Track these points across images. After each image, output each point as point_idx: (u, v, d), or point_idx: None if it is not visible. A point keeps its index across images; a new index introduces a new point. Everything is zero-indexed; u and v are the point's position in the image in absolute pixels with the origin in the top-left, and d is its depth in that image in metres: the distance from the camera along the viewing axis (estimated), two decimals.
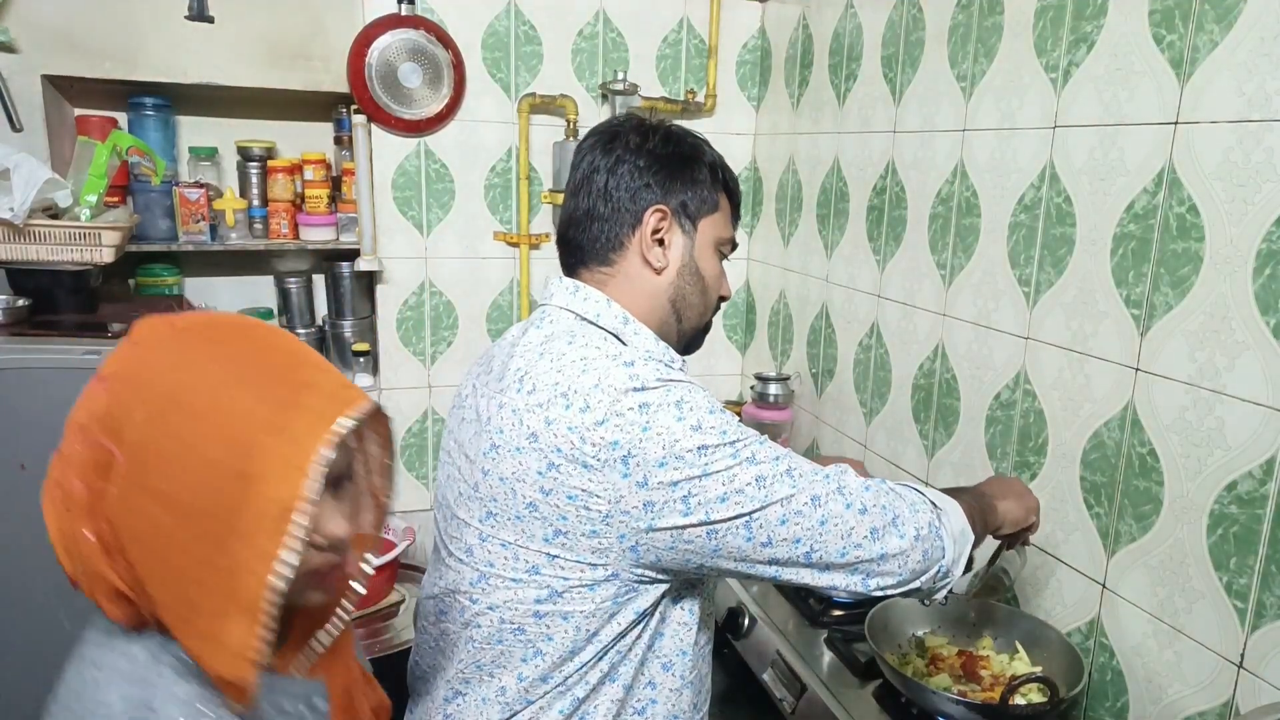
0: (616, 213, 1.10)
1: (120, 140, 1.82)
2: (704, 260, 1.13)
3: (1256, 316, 1.10)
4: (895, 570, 1.00)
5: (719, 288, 1.17)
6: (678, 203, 1.11)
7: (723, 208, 1.15)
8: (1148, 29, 1.24)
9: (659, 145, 1.11)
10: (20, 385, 1.53)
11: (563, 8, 2.26)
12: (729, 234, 1.17)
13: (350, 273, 2.29)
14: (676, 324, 1.14)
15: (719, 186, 1.14)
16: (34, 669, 1.62)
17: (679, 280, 1.12)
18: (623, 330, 1.08)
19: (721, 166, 1.15)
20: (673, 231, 1.11)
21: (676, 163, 1.11)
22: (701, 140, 1.16)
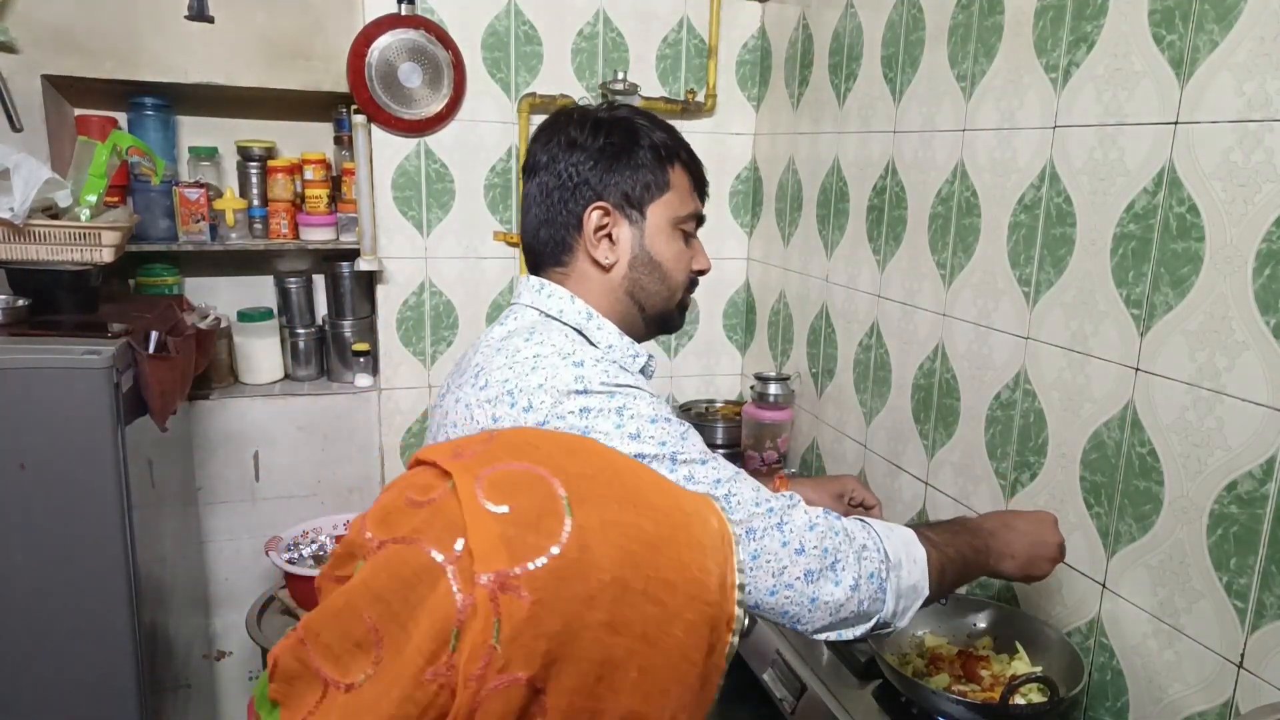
0: (558, 216, 1.10)
1: (120, 140, 1.82)
2: (658, 246, 1.12)
3: (1256, 316, 1.10)
4: (825, 617, 0.95)
5: (682, 267, 1.14)
6: (619, 195, 1.09)
7: (675, 185, 1.12)
8: (1148, 29, 1.24)
9: (589, 138, 1.09)
10: (20, 385, 1.53)
11: (563, 8, 2.26)
12: (690, 209, 1.14)
13: (350, 273, 2.29)
14: (640, 313, 1.14)
15: (668, 164, 1.11)
16: (34, 669, 1.62)
17: (631, 272, 1.11)
18: (586, 325, 1.09)
19: (667, 144, 1.12)
20: (619, 225, 1.10)
21: (610, 153, 1.09)
22: (641, 122, 1.12)
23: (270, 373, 2.33)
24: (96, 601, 1.63)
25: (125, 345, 1.65)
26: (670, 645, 0.50)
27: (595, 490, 0.52)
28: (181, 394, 1.90)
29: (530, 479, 0.51)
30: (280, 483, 2.27)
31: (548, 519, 0.49)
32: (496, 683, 0.46)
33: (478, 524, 0.48)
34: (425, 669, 0.46)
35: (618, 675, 0.48)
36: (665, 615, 0.50)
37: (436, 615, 0.46)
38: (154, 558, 1.80)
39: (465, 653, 0.45)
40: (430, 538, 0.49)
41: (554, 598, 0.47)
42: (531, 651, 0.46)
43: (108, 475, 1.60)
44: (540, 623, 0.46)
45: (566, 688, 0.47)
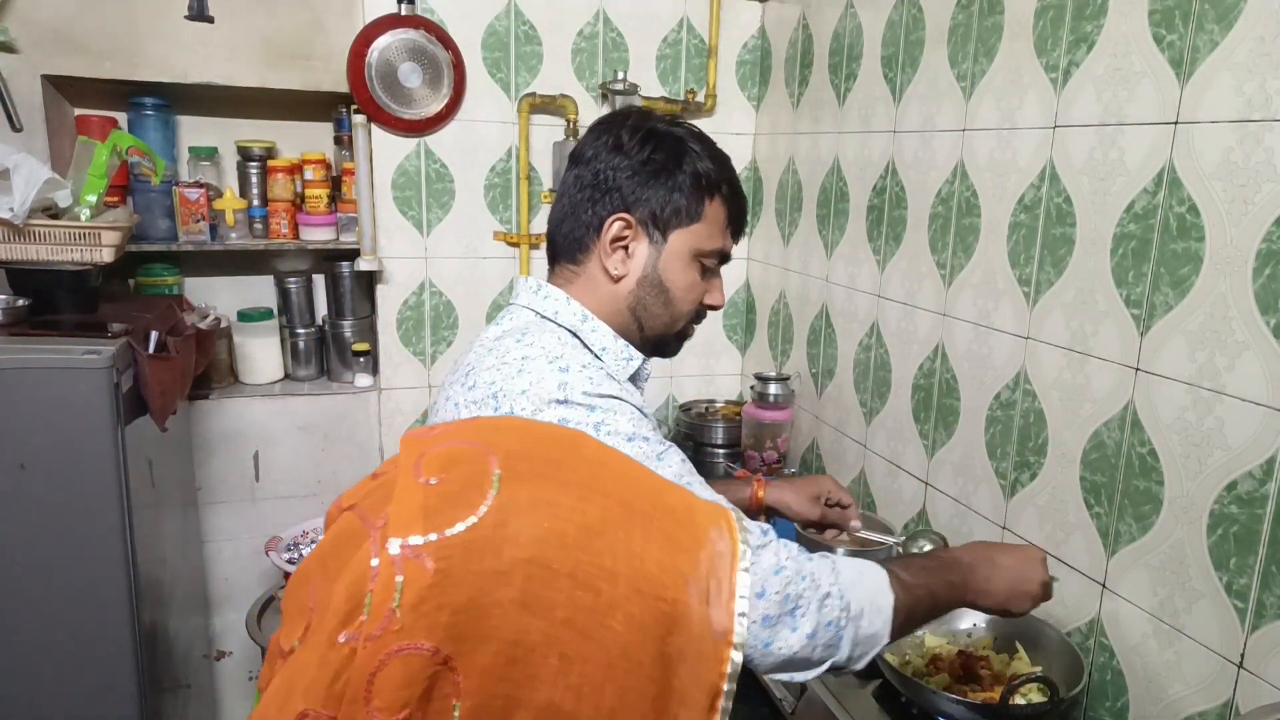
0: (583, 215, 1.10)
1: (120, 140, 1.82)
2: (671, 272, 1.10)
3: (1256, 316, 1.10)
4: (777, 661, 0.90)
5: (691, 299, 1.13)
6: (646, 211, 1.08)
7: (709, 218, 1.10)
8: (1148, 29, 1.24)
9: (636, 148, 1.08)
10: (20, 385, 1.53)
11: (563, 8, 2.26)
12: (716, 246, 1.12)
13: (350, 273, 2.29)
14: (639, 330, 1.13)
15: (706, 195, 1.09)
16: (34, 668, 1.62)
17: (639, 290, 1.10)
18: (581, 328, 1.09)
19: (712, 175, 1.09)
20: (638, 240, 1.09)
21: (651, 169, 1.07)
22: (694, 146, 1.10)
23: (270, 373, 2.32)
24: (96, 601, 1.63)
25: (125, 345, 1.65)
26: (606, 638, 0.47)
27: (534, 470, 0.50)
28: (181, 394, 1.90)
29: (470, 455, 0.50)
30: (280, 483, 2.27)
31: (471, 492, 0.48)
32: (396, 647, 0.44)
33: (404, 494, 0.47)
34: (339, 631, 0.45)
35: (534, 660, 0.46)
36: (600, 604, 0.47)
37: (353, 577, 0.46)
38: (154, 558, 1.80)
39: (370, 617, 0.45)
40: (368, 506, 0.49)
41: (461, 569, 0.45)
42: (434, 621, 0.44)
43: (108, 475, 1.60)
44: (444, 592, 0.45)
45: (478, 667, 0.45)
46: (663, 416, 2.59)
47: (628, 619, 0.47)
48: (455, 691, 0.45)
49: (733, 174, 1.14)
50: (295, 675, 0.46)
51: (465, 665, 0.45)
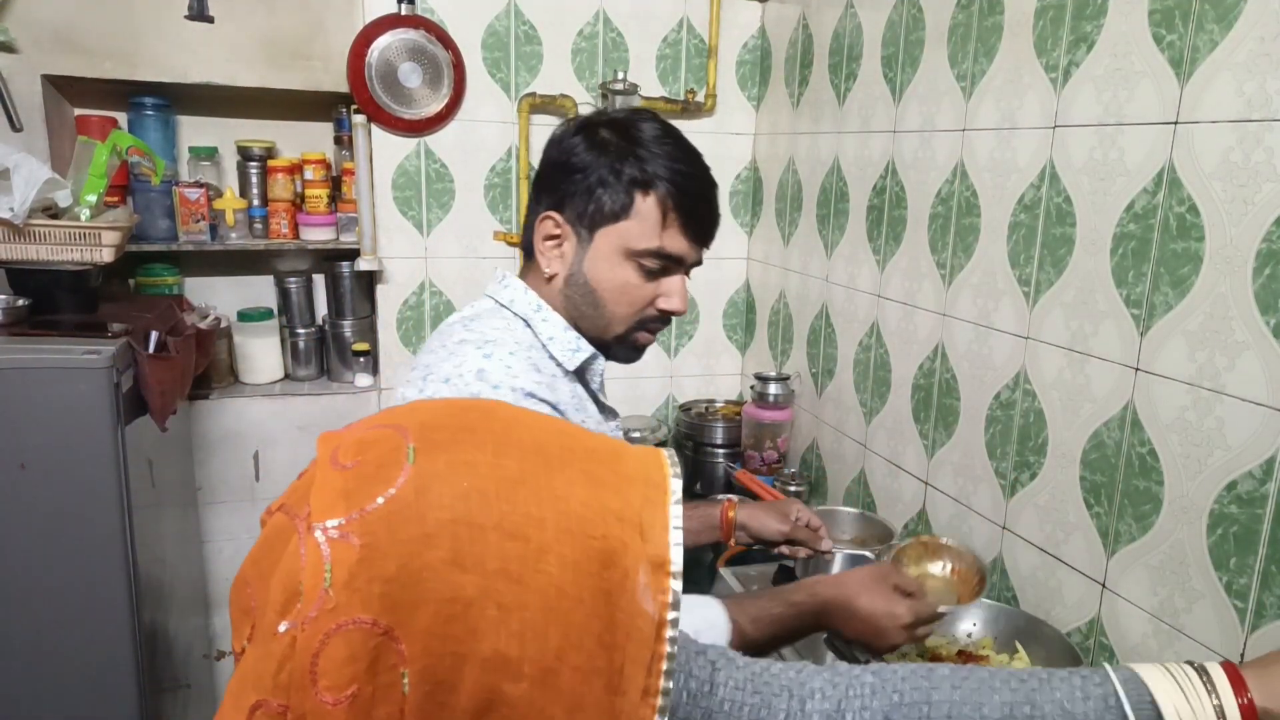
0: (531, 212, 1.11)
1: (120, 140, 1.82)
2: (598, 271, 1.07)
3: (1256, 316, 1.10)
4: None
5: (627, 300, 1.08)
6: (573, 210, 1.06)
7: (641, 215, 1.05)
8: (1148, 29, 1.24)
9: (571, 145, 1.06)
10: (20, 385, 1.53)
11: (563, 8, 2.26)
12: (651, 245, 1.06)
13: (350, 272, 2.29)
14: (577, 330, 1.12)
15: (637, 191, 1.04)
16: (34, 668, 1.62)
17: (566, 289, 1.09)
18: (533, 316, 1.09)
19: (644, 171, 1.04)
20: (568, 238, 1.08)
21: (576, 165, 1.05)
22: (622, 142, 1.05)
23: (270, 373, 2.33)
24: (96, 601, 1.63)
25: (125, 345, 1.65)
26: (541, 581, 0.47)
27: (448, 437, 0.51)
28: (181, 394, 1.90)
29: (384, 436, 0.51)
30: (280, 483, 2.27)
31: (388, 468, 0.48)
32: (334, 625, 0.45)
33: (323, 483, 0.48)
34: (277, 622, 0.46)
35: (472, 614, 0.46)
36: (530, 551, 0.48)
37: (285, 569, 0.47)
38: (154, 558, 1.80)
39: (304, 602, 0.46)
40: (293, 503, 0.50)
41: (386, 540, 0.46)
42: (368, 594, 0.45)
43: (108, 475, 1.60)
44: (373, 565, 0.46)
45: (419, 630, 0.46)
46: (663, 416, 2.59)
47: (560, 560, 0.48)
48: (400, 660, 0.45)
49: (682, 171, 1.07)
50: (246, 672, 0.47)
51: (406, 632, 0.45)
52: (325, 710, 0.44)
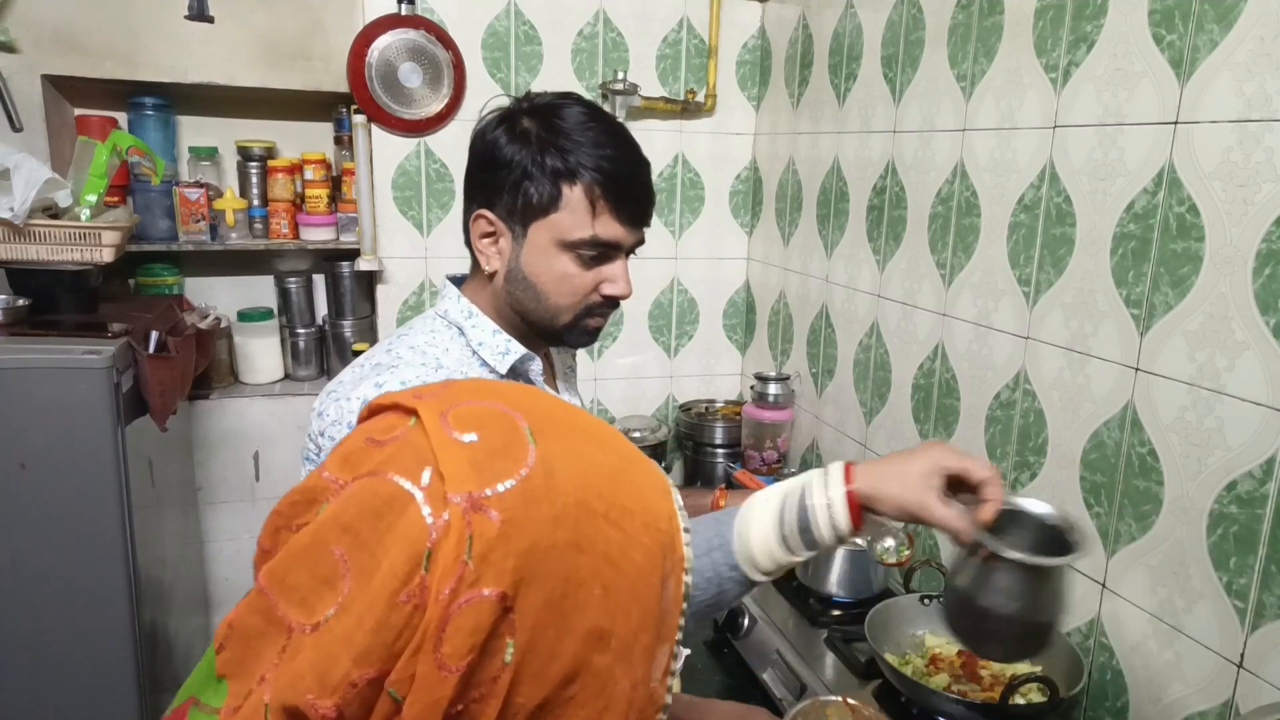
0: (466, 213, 1.10)
1: (120, 140, 1.82)
2: (534, 265, 1.06)
3: (1256, 316, 1.10)
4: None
5: (568, 290, 1.07)
6: (504, 207, 1.05)
7: (570, 206, 1.03)
8: (1148, 29, 1.24)
9: (493, 141, 1.04)
10: (20, 385, 1.53)
11: (563, 8, 2.26)
12: (585, 235, 1.04)
13: (350, 273, 2.29)
14: (522, 323, 1.12)
15: (565, 182, 1.03)
16: (35, 667, 1.62)
17: (507, 284, 1.09)
18: (465, 323, 1.10)
19: (569, 162, 1.02)
20: (503, 235, 1.07)
21: (500, 160, 1.03)
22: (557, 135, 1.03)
23: (270, 373, 2.32)
24: (96, 601, 1.63)
25: (125, 345, 1.65)
26: (630, 568, 0.52)
27: (554, 425, 0.54)
28: (181, 394, 1.90)
29: (494, 413, 0.53)
30: (280, 483, 2.27)
31: (514, 446, 0.51)
32: (468, 597, 0.46)
33: (446, 451, 0.49)
34: (400, 591, 0.46)
35: (582, 593, 0.50)
36: (625, 539, 0.52)
37: (409, 538, 0.47)
38: (154, 558, 1.80)
39: (437, 571, 0.46)
40: (397, 468, 0.50)
41: (522, 517, 0.48)
42: (502, 568, 0.47)
43: (108, 475, 1.60)
44: (510, 540, 0.47)
45: (535, 605, 0.48)
46: (663, 416, 2.59)
47: (644, 550, 0.53)
48: (510, 630, 0.48)
49: (608, 156, 1.04)
50: (338, 643, 0.47)
51: (523, 605, 0.48)
52: (439, 676, 0.46)
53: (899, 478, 0.88)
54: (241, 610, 0.53)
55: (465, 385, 0.58)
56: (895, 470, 0.89)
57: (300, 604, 0.49)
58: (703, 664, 1.59)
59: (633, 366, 2.53)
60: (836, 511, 0.87)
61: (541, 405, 0.56)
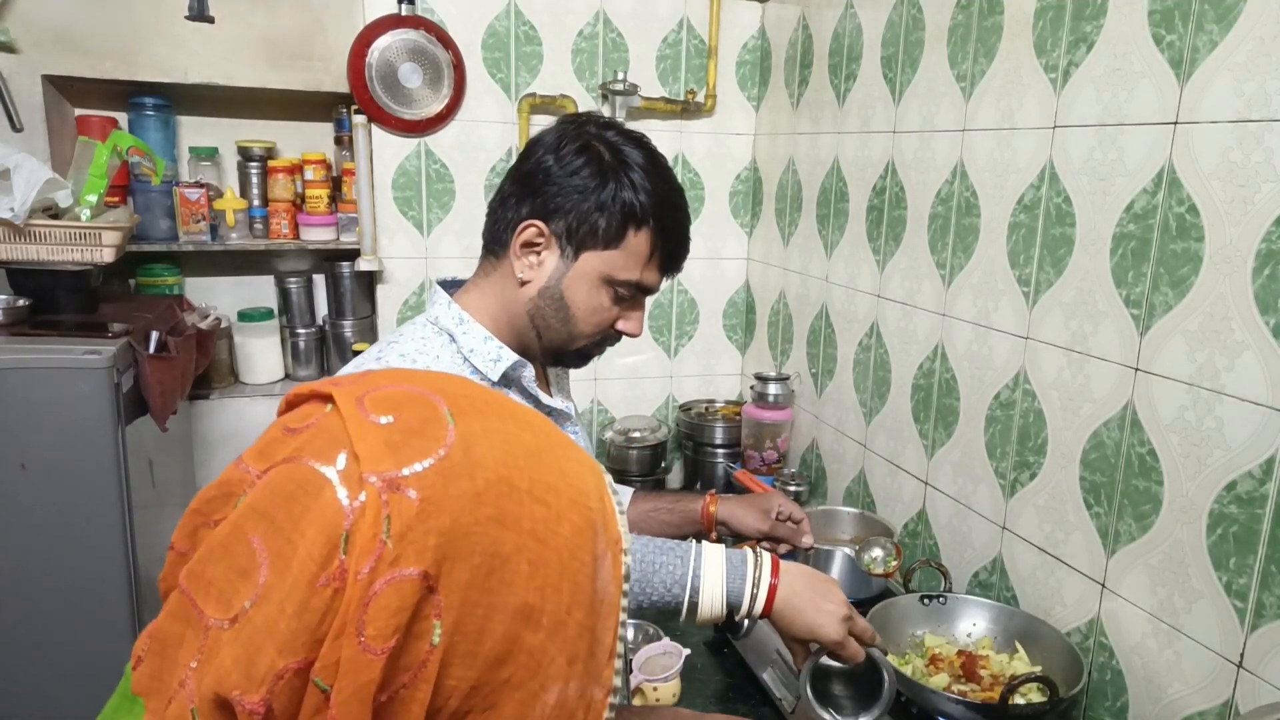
0: (508, 210, 1.09)
1: (120, 140, 1.82)
2: (574, 291, 1.07)
3: (1256, 316, 1.10)
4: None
5: (594, 321, 1.09)
6: (562, 225, 1.05)
7: (630, 249, 1.05)
8: (1147, 29, 1.24)
9: (570, 157, 1.05)
10: (20, 385, 1.53)
11: (563, 8, 2.26)
12: (632, 277, 1.07)
13: (350, 273, 2.29)
14: (537, 338, 1.11)
15: (630, 225, 1.05)
16: (35, 667, 1.62)
17: (539, 299, 1.08)
18: (455, 330, 1.09)
19: (642, 207, 1.04)
20: (549, 250, 1.07)
21: (575, 184, 1.04)
22: (632, 174, 1.04)
23: (270, 373, 2.33)
24: (97, 601, 1.63)
25: (126, 345, 1.65)
26: (559, 543, 0.52)
27: (474, 406, 0.54)
28: (182, 394, 1.90)
29: (411, 396, 0.52)
30: None
31: (432, 426, 0.50)
32: (388, 576, 0.45)
33: (362, 433, 0.49)
34: (319, 575, 0.45)
35: (509, 569, 0.49)
36: (551, 514, 0.52)
37: (325, 520, 0.46)
38: (154, 558, 1.80)
39: (355, 552, 0.45)
40: (312, 453, 0.49)
41: (442, 495, 0.48)
42: (423, 547, 0.46)
43: (108, 475, 1.60)
44: (429, 518, 0.47)
45: (460, 583, 0.47)
46: (663, 416, 2.59)
47: (571, 526, 0.53)
48: (436, 611, 0.47)
49: (674, 210, 1.09)
50: (260, 634, 0.46)
51: (447, 584, 0.47)
52: (364, 660, 0.45)
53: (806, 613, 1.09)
54: (161, 618, 0.51)
55: (384, 373, 0.57)
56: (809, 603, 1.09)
57: (218, 599, 0.48)
58: (703, 664, 1.59)
59: (633, 366, 2.53)
60: (758, 599, 1.07)
61: (462, 388, 0.56)
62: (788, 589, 1.07)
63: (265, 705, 0.45)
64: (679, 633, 1.62)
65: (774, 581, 1.06)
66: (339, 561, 0.45)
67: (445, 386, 0.55)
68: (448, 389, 0.54)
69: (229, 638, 0.47)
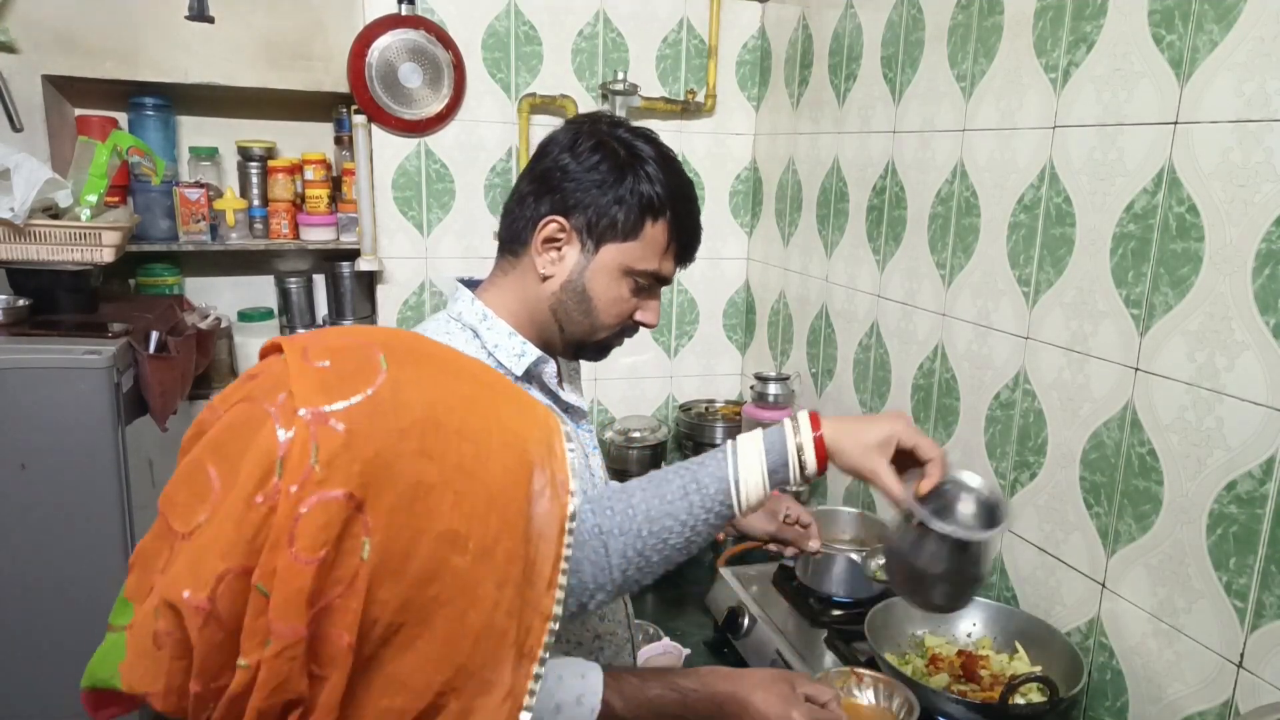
0: (526, 209, 1.10)
1: (120, 140, 1.82)
2: (597, 283, 1.10)
3: (1256, 316, 1.10)
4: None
5: (616, 312, 1.12)
6: (582, 219, 1.07)
7: (648, 239, 1.09)
8: (1147, 29, 1.24)
9: (586, 154, 1.07)
10: (20, 385, 1.53)
11: (563, 8, 2.26)
12: (650, 267, 1.10)
13: (350, 273, 2.29)
14: (559, 332, 1.13)
15: (648, 217, 1.08)
16: (35, 667, 1.62)
17: (561, 293, 1.10)
18: (479, 326, 1.11)
19: (658, 198, 1.08)
20: (570, 244, 1.09)
21: (593, 179, 1.07)
22: (646, 166, 1.08)
23: None
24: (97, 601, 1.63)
25: (126, 345, 1.65)
26: (487, 477, 0.57)
27: (414, 358, 0.60)
28: (182, 394, 1.90)
29: (353, 346, 0.59)
30: None
31: (366, 369, 0.56)
32: (316, 497, 0.52)
33: (300, 376, 0.55)
34: (255, 493, 0.52)
35: (433, 497, 0.55)
36: (480, 451, 0.58)
37: (262, 449, 0.53)
38: None
39: (287, 475, 0.52)
40: (259, 394, 0.56)
41: (367, 428, 0.54)
42: (348, 472, 0.52)
43: (108, 475, 1.60)
44: (353, 448, 0.53)
45: (386, 506, 0.53)
46: (663, 416, 2.59)
47: (502, 465, 0.59)
48: (364, 529, 0.53)
49: (686, 201, 1.12)
50: (207, 544, 0.53)
51: (374, 506, 0.53)
52: (296, 568, 0.51)
53: (857, 438, 1.00)
54: (147, 538, 0.59)
55: (338, 330, 0.64)
56: (855, 430, 1.00)
57: (181, 517, 0.56)
58: (703, 663, 1.59)
59: (633, 366, 2.53)
60: (807, 455, 0.99)
61: (410, 342, 0.62)
62: (831, 434, 1.00)
63: (210, 602, 0.51)
64: (679, 633, 1.62)
65: (817, 435, 0.99)
66: (274, 483, 0.52)
67: (392, 341, 0.61)
68: (393, 342, 0.60)
69: (183, 548, 0.55)
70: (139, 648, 0.55)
